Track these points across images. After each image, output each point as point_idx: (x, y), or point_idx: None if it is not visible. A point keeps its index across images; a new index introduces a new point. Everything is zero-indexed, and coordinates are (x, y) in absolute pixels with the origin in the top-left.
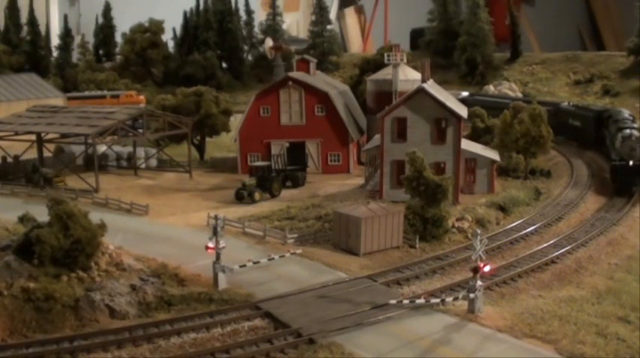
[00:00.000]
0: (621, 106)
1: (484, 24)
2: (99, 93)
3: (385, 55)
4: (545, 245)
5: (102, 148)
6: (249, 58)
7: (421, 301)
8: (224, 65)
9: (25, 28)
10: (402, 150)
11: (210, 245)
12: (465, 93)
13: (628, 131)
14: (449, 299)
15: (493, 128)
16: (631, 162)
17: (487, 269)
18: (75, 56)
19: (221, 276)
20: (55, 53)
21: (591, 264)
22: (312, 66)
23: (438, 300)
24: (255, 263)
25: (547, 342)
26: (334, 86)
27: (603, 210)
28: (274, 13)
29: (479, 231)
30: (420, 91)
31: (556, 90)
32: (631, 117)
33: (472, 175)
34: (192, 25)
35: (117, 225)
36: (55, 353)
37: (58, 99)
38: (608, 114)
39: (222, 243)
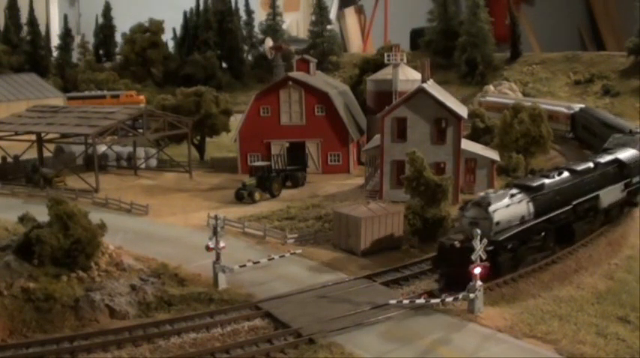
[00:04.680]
0: (621, 106)
1: (484, 24)
2: (99, 93)
3: (385, 55)
4: None
5: (102, 148)
6: (249, 58)
7: (421, 301)
8: (224, 65)
9: (25, 28)
10: (402, 150)
11: (211, 245)
12: (577, 107)
13: (484, 193)
14: (449, 299)
15: (493, 128)
16: (457, 243)
17: (477, 271)
18: (75, 56)
19: (221, 276)
20: (55, 53)
21: (591, 264)
22: (312, 66)
23: (438, 300)
24: (255, 263)
25: (547, 342)
26: (334, 86)
27: None
28: (274, 13)
29: (479, 231)
30: (420, 91)
31: (556, 90)
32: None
33: (472, 175)
34: (192, 25)
35: (117, 225)
36: (55, 353)
37: (58, 99)
38: None
39: (222, 243)
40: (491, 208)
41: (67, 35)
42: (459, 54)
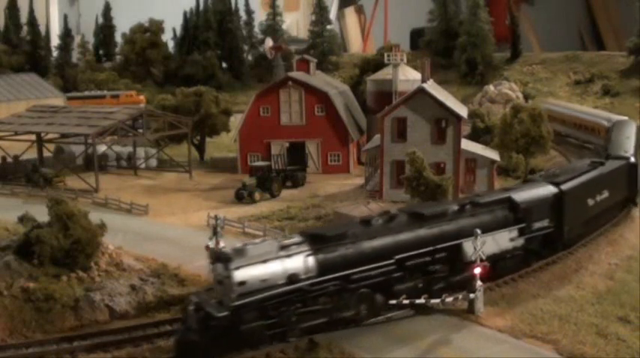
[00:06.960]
0: (621, 106)
1: (484, 24)
2: (99, 93)
3: (385, 55)
4: None
5: (102, 148)
6: (249, 58)
7: (421, 301)
8: (224, 65)
9: (25, 28)
10: (402, 150)
11: (210, 245)
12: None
13: (242, 244)
14: (449, 299)
15: (493, 128)
16: (191, 308)
17: (477, 271)
18: (75, 56)
19: None
20: (55, 53)
21: (591, 264)
22: (312, 66)
23: (438, 300)
24: None
25: (547, 342)
26: (334, 86)
27: None
28: (274, 13)
29: (479, 231)
30: (420, 91)
31: (556, 90)
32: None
33: (472, 175)
34: (192, 25)
35: (117, 225)
36: (55, 353)
37: (58, 99)
38: None
39: (222, 243)
40: (232, 264)
41: (67, 35)
42: (459, 54)
